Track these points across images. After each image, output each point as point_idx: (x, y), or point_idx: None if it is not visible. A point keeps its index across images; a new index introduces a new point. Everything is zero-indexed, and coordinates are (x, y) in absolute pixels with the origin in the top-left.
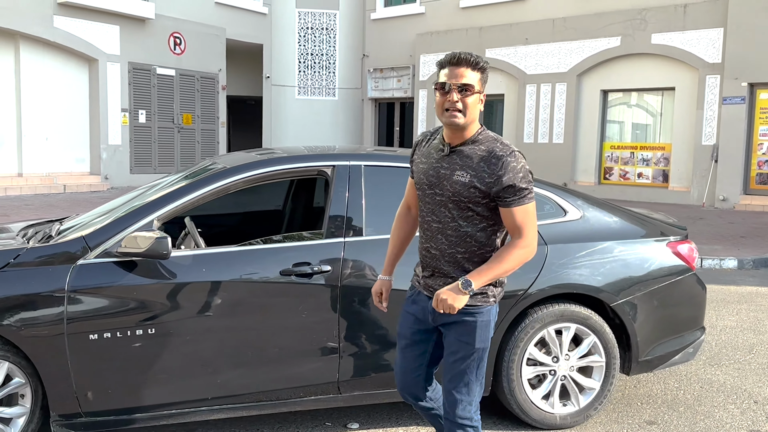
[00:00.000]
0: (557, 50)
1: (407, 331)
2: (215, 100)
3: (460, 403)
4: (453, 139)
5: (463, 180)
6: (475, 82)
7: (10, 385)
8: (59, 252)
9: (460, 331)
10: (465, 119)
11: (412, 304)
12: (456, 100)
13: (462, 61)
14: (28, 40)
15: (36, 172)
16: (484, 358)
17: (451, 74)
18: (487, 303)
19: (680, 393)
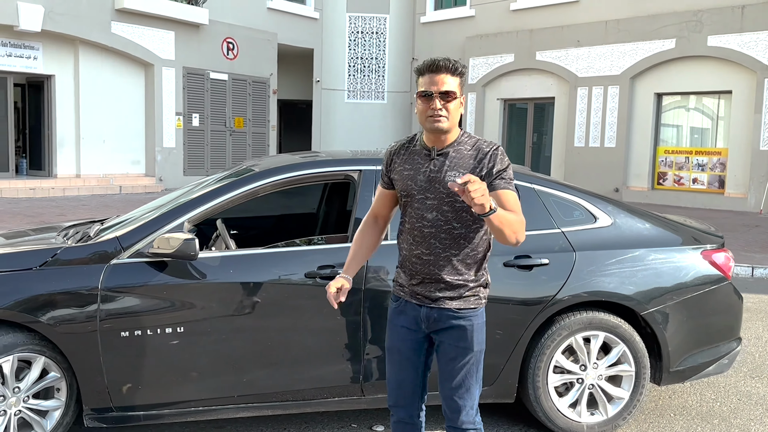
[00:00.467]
0: (610, 52)
1: (400, 344)
2: (266, 104)
3: (464, 408)
4: (437, 143)
5: (457, 179)
6: (455, 88)
7: (47, 380)
8: (94, 252)
9: (456, 336)
10: (449, 124)
11: (399, 315)
12: (439, 107)
13: (441, 67)
14: (87, 46)
15: (93, 174)
16: (481, 360)
17: (431, 81)
18: (480, 305)
19: (716, 405)
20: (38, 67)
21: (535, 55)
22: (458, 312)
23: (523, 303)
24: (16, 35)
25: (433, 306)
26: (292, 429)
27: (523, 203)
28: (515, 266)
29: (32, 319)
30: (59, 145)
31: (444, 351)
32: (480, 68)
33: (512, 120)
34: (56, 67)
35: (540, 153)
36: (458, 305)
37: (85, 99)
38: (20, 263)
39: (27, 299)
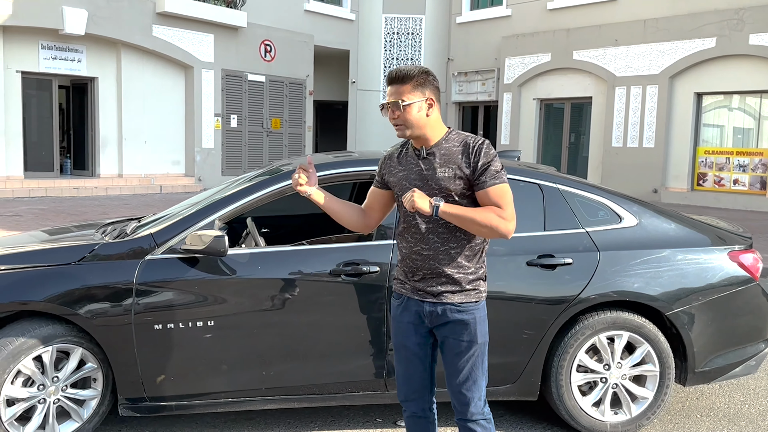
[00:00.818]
0: (648, 52)
1: (406, 341)
2: (302, 105)
3: (472, 400)
4: (422, 144)
5: (447, 174)
6: (404, 96)
7: (84, 370)
8: (130, 248)
9: (460, 330)
10: (411, 129)
11: (403, 312)
12: (393, 117)
13: (392, 79)
14: (129, 48)
15: (135, 174)
16: (485, 352)
17: (388, 93)
18: (481, 298)
19: (744, 407)
20: (82, 70)
21: (572, 55)
22: (460, 306)
23: (546, 302)
24: (61, 39)
25: (435, 301)
26: (319, 422)
27: (547, 203)
28: (538, 265)
29: (70, 311)
30: (102, 145)
31: (449, 346)
32: (516, 68)
33: (549, 120)
34: (99, 69)
35: (577, 153)
36: (460, 299)
37: (127, 101)
38: (60, 258)
39: (65, 293)
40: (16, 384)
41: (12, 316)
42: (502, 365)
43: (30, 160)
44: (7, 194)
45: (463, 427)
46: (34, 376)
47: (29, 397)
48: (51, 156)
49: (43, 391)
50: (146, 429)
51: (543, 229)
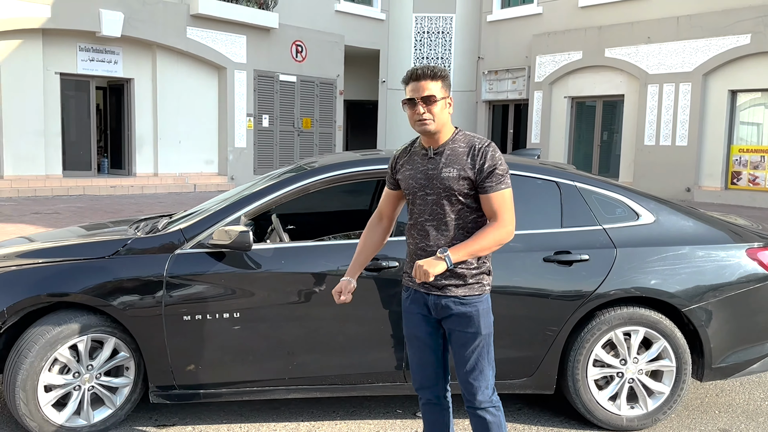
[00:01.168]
0: (681, 49)
1: (417, 331)
2: (333, 105)
3: (479, 389)
4: (432, 143)
5: (452, 175)
6: (436, 92)
7: (117, 359)
8: (160, 243)
9: (463, 323)
10: (435, 125)
11: (412, 303)
12: (423, 111)
13: (420, 75)
14: (164, 50)
15: (170, 172)
16: (491, 343)
17: (414, 89)
18: (484, 291)
19: (765, 404)
20: (118, 71)
21: (603, 52)
22: (463, 299)
23: (563, 297)
24: (98, 41)
25: (440, 294)
26: (341, 412)
27: (565, 200)
28: (555, 261)
29: (104, 303)
30: (138, 145)
31: (455, 338)
32: (547, 66)
33: (580, 118)
34: (135, 70)
35: (609, 152)
36: (463, 292)
37: (162, 101)
38: (94, 252)
39: (100, 285)
40: (53, 371)
41: (49, 306)
42: (518, 359)
43: (69, 159)
44: (46, 192)
45: (472, 415)
46: (69, 364)
47: (65, 384)
48: (89, 155)
49: (78, 378)
50: (176, 416)
51: (560, 226)
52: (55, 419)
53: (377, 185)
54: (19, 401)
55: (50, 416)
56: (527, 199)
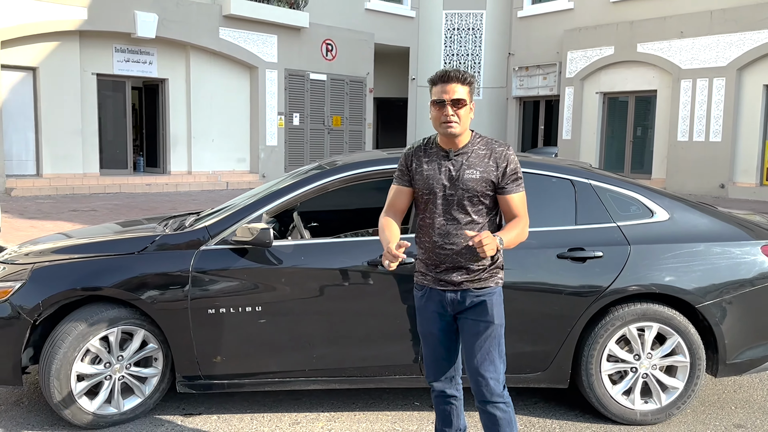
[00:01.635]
0: (715, 43)
1: (432, 328)
2: (363, 103)
3: (490, 380)
4: (451, 146)
5: (475, 176)
6: (465, 96)
7: (146, 350)
8: (186, 239)
9: (478, 312)
10: (460, 128)
11: (427, 301)
12: (451, 113)
13: (452, 78)
14: (197, 51)
15: (203, 171)
16: (502, 335)
17: (443, 90)
18: (498, 284)
19: None
20: (153, 72)
21: (636, 47)
22: (478, 291)
23: (576, 294)
24: (133, 42)
25: (456, 289)
26: (360, 404)
27: (579, 199)
28: (569, 258)
29: (133, 296)
30: (173, 144)
31: (467, 327)
32: (578, 62)
33: (612, 114)
34: (169, 71)
35: (641, 148)
36: (478, 286)
37: (196, 101)
38: (124, 248)
39: (129, 279)
40: (85, 361)
41: (81, 300)
42: (532, 353)
43: (106, 158)
44: (84, 191)
45: (482, 411)
46: (101, 354)
47: (97, 374)
48: (125, 154)
49: (109, 368)
50: (202, 406)
51: (575, 224)
52: (88, 407)
53: None
54: (53, 390)
55: (83, 404)
56: (542, 197)
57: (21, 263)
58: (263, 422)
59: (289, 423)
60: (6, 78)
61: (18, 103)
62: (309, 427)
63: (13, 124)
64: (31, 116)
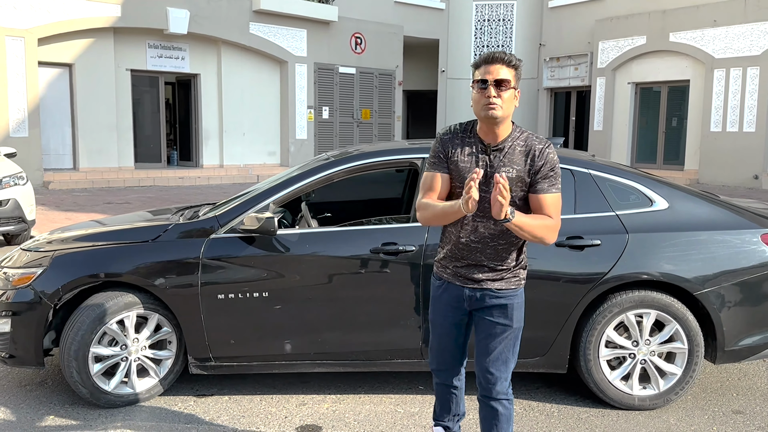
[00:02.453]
0: (749, 32)
1: (442, 320)
2: (392, 96)
3: (499, 380)
4: (490, 137)
5: (510, 176)
6: (510, 78)
7: (160, 333)
8: (197, 228)
9: (498, 314)
10: (503, 112)
11: (443, 293)
12: (494, 95)
13: (496, 59)
14: (228, 46)
15: (234, 164)
16: (519, 337)
17: (486, 72)
18: (520, 286)
19: None
20: (185, 67)
21: (668, 37)
22: (499, 292)
23: (574, 281)
24: (166, 38)
25: (476, 287)
26: (365, 387)
27: (578, 188)
28: (567, 246)
29: (148, 282)
30: (205, 138)
31: (484, 327)
32: (610, 52)
33: (644, 105)
34: (201, 66)
35: (674, 139)
36: (499, 286)
37: (227, 95)
38: (139, 236)
39: (144, 266)
40: (102, 344)
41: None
42: (531, 339)
43: (140, 152)
44: (119, 184)
45: (485, 405)
46: (117, 337)
47: (113, 355)
48: (159, 148)
49: (125, 350)
50: (214, 387)
51: (573, 212)
52: (105, 387)
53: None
54: (72, 370)
55: (100, 384)
56: None
57: (43, 251)
58: (272, 403)
59: (296, 404)
60: (43, 74)
61: (55, 99)
62: (315, 408)
63: (51, 119)
64: (68, 111)
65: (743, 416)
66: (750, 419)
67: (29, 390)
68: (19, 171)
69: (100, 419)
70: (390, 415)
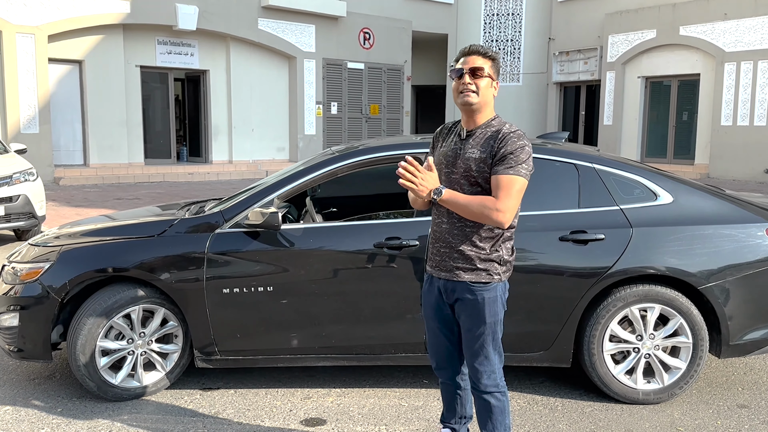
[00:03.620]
0: (760, 25)
1: (431, 312)
2: (400, 91)
3: (484, 373)
4: (469, 124)
5: (474, 156)
6: (485, 67)
7: (167, 327)
8: (202, 223)
9: (469, 309)
10: (478, 99)
11: (429, 287)
12: (469, 82)
13: (472, 51)
14: (237, 42)
15: (243, 160)
16: (497, 331)
17: (463, 62)
18: (492, 280)
19: None
20: (194, 63)
21: (678, 30)
22: (470, 285)
23: (578, 275)
24: (175, 34)
25: (449, 278)
26: (370, 381)
27: (582, 182)
28: (571, 240)
29: (153, 276)
30: (214, 133)
31: (462, 322)
32: (619, 45)
33: (654, 99)
34: (210, 62)
35: (685, 133)
36: (470, 278)
37: (236, 91)
38: (145, 231)
39: (149, 260)
40: (109, 337)
41: (105, 279)
42: (535, 333)
43: (150, 148)
44: (129, 180)
45: (477, 398)
46: (124, 331)
47: (120, 349)
48: (168, 144)
49: (132, 344)
50: (221, 381)
51: (578, 207)
52: (112, 380)
53: None
54: (79, 364)
55: (107, 378)
56: (544, 181)
57: (51, 246)
58: (277, 396)
59: (301, 398)
60: (53, 71)
61: (65, 96)
62: (320, 401)
63: (61, 116)
64: (78, 108)
65: (748, 410)
66: (755, 413)
67: (37, 384)
68: (29, 167)
69: (107, 412)
70: (394, 408)
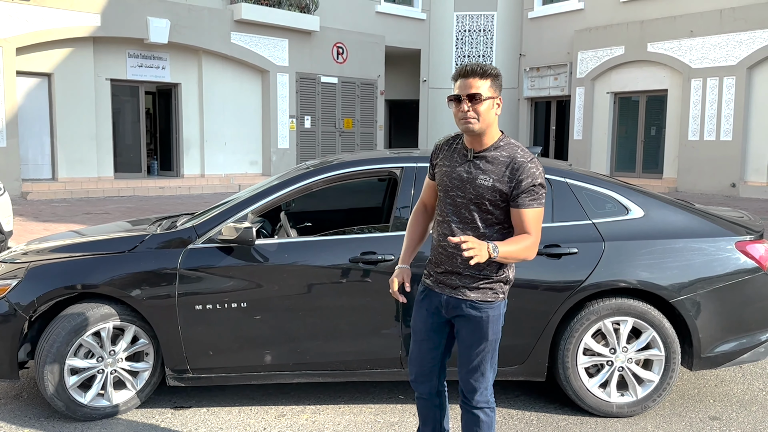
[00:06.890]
0: (725, 42)
1: (422, 326)
2: (374, 105)
3: (479, 389)
4: (474, 145)
5: (486, 184)
6: (484, 90)
7: (137, 345)
8: (174, 238)
9: (472, 326)
10: (479, 125)
11: (424, 299)
12: (467, 109)
13: (470, 72)
14: (209, 55)
15: (216, 173)
16: (496, 349)
17: (462, 86)
18: (497, 299)
19: (762, 394)
20: (166, 77)
21: (646, 47)
22: (475, 303)
23: (552, 289)
24: (146, 47)
25: (452, 294)
26: (346, 397)
27: (555, 197)
28: (545, 254)
29: (124, 293)
30: (186, 147)
31: (462, 338)
32: (589, 62)
33: (623, 114)
34: (182, 75)
35: (653, 148)
36: (475, 296)
37: (208, 105)
38: (115, 247)
39: (120, 277)
40: (78, 356)
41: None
42: (510, 347)
43: (120, 162)
44: (98, 194)
45: (466, 412)
46: (93, 349)
47: (89, 368)
48: (139, 158)
49: (102, 362)
50: (192, 399)
51: (551, 221)
52: (81, 400)
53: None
54: (47, 383)
55: (76, 397)
56: None
57: (18, 262)
58: (250, 414)
59: (275, 415)
60: (22, 84)
61: (34, 109)
62: (294, 419)
63: (29, 129)
64: (47, 121)
65: (720, 422)
66: (726, 425)
67: (4, 403)
68: None
69: None
70: (370, 425)
